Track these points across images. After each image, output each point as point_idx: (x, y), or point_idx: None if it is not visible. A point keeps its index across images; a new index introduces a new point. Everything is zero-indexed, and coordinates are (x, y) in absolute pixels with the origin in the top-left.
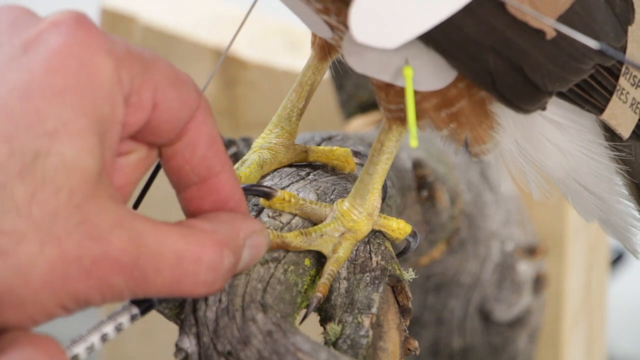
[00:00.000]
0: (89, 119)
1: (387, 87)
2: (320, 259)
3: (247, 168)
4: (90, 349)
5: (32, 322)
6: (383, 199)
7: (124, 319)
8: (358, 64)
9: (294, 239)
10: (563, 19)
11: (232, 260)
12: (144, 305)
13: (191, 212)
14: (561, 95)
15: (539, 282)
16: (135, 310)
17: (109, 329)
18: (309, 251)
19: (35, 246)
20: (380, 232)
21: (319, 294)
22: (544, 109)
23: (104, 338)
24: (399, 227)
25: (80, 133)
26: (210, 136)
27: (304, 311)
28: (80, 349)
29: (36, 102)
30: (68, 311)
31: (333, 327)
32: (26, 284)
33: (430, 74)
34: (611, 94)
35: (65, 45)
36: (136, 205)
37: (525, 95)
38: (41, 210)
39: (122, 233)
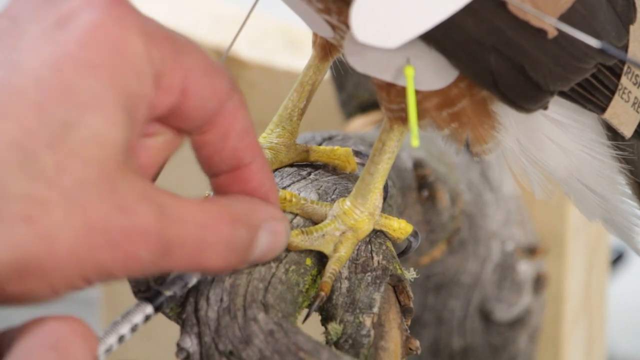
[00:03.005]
0: (118, 94)
1: (389, 87)
2: (321, 259)
3: None
4: (109, 351)
5: (53, 292)
6: (384, 199)
7: (139, 318)
8: (359, 64)
9: (295, 238)
10: (564, 18)
11: (245, 235)
12: (156, 301)
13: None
14: (563, 94)
15: (539, 282)
16: (149, 309)
17: (125, 329)
18: (310, 250)
19: (62, 215)
20: (381, 231)
21: (322, 293)
22: (545, 108)
23: (121, 339)
24: (400, 227)
25: (111, 107)
26: (243, 129)
27: (305, 311)
28: (99, 352)
29: (68, 74)
30: (89, 283)
31: (334, 327)
32: (51, 252)
33: (431, 74)
34: (613, 93)
35: (98, 22)
36: None
37: (527, 95)
38: (69, 180)
39: (148, 206)
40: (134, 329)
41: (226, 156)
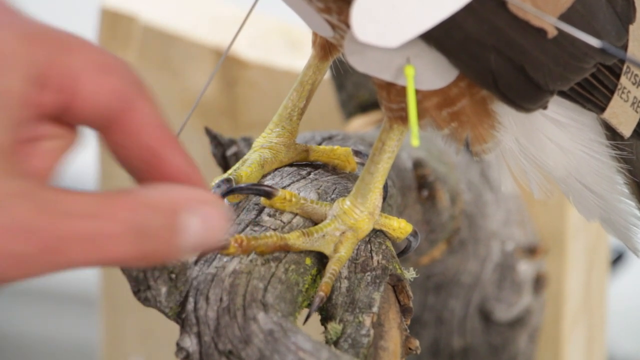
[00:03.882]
0: None
1: (389, 86)
2: (321, 258)
3: (248, 167)
4: None
5: None
6: (384, 199)
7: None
8: (359, 63)
9: (296, 240)
10: (564, 17)
11: (159, 221)
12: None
13: None
14: (562, 94)
15: (539, 282)
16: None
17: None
18: (310, 250)
19: None
20: (381, 231)
21: (322, 293)
22: (545, 107)
23: None
24: (399, 227)
25: None
26: (153, 124)
27: (304, 310)
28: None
29: None
30: None
31: (334, 326)
32: None
33: (431, 73)
34: (612, 92)
35: None
36: None
37: (526, 94)
38: None
39: (24, 202)
40: None
41: (142, 154)
